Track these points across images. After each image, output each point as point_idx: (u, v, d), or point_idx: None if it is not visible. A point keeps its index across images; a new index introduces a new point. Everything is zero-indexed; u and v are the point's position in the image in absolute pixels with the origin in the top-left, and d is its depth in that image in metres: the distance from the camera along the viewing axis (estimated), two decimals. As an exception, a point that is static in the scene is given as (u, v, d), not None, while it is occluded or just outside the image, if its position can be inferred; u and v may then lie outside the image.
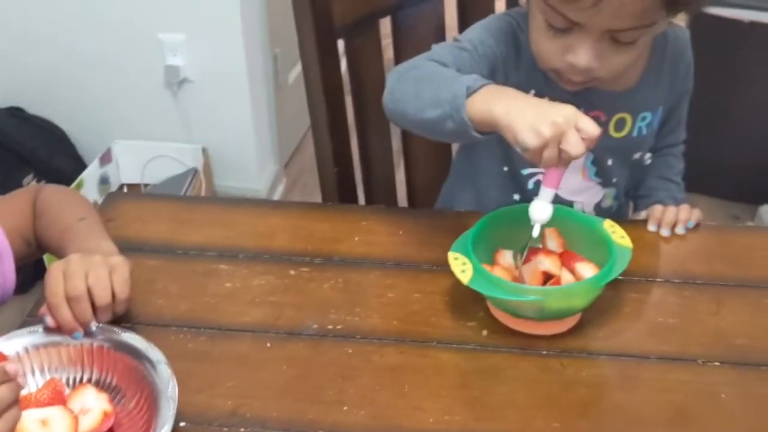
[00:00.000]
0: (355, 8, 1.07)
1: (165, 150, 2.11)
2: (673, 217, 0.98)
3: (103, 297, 0.73)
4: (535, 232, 0.81)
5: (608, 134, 0.99)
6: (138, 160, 2.13)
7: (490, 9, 1.24)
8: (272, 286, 0.88)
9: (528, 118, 0.75)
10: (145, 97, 2.07)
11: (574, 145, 0.73)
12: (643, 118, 1.01)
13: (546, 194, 0.80)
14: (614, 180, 1.05)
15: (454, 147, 1.28)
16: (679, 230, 0.97)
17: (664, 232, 0.97)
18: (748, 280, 0.90)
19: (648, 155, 1.07)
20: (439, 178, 1.28)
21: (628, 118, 0.99)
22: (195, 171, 2.06)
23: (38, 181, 1.99)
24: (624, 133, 1.00)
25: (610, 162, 1.03)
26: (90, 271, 0.74)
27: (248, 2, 1.96)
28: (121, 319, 0.78)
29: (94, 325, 0.73)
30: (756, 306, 0.87)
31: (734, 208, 2.31)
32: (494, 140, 1.01)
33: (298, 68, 2.37)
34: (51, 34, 1.99)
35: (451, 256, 0.83)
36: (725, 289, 0.89)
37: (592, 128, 0.74)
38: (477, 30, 0.96)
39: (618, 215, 1.09)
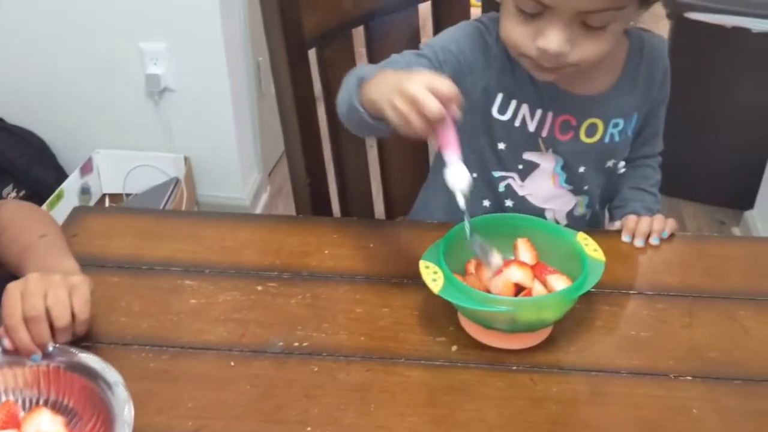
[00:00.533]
0: (326, 19, 1.06)
1: (147, 159, 2.10)
2: (647, 227, 0.97)
3: (61, 318, 0.72)
4: (460, 202, 0.78)
5: (579, 139, 0.98)
6: (119, 169, 2.12)
7: (465, 16, 1.23)
8: (238, 302, 0.86)
9: (387, 95, 0.74)
10: (126, 106, 2.05)
11: (429, 107, 0.71)
12: (616, 125, 0.99)
13: (450, 158, 0.77)
14: (586, 188, 1.04)
15: (431, 155, 1.27)
16: (653, 241, 0.96)
17: (638, 242, 0.96)
18: (722, 292, 0.89)
19: (622, 164, 1.06)
20: (417, 188, 1.26)
21: (600, 123, 0.98)
22: (177, 180, 2.05)
23: (18, 191, 1.97)
24: (595, 138, 0.99)
25: (582, 169, 1.01)
26: (49, 291, 0.72)
27: (229, 10, 1.95)
28: (82, 338, 0.76)
29: (51, 346, 0.71)
30: (729, 318, 0.86)
31: (720, 213, 2.31)
32: (467, 145, 1.01)
33: (281, 76, 2.36)
34: (30, 43, 1.98)
35: (423, 264, 0.81)
36: (699, 300, 0.88)
37: (445, 88, 0.73)
38: (441, 37, 0.96)
39: (593, 225, 1.08)
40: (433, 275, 0.80)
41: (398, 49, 1.18)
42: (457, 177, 0.77)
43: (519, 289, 0.83)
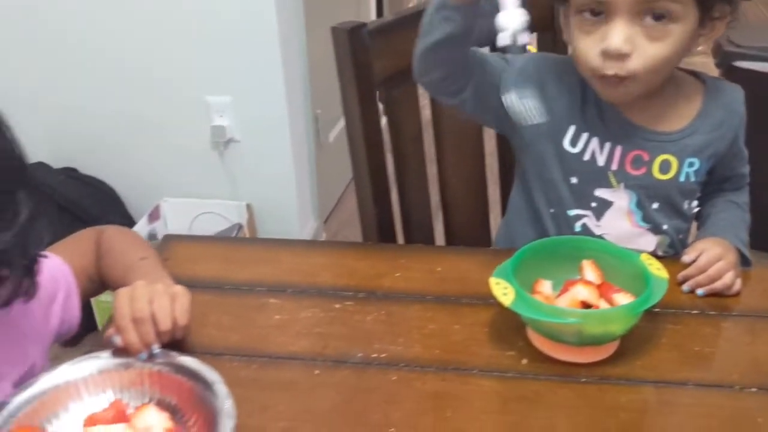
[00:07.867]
0: (393, 62, 1.13)
1: (211, 207, 2.20)
2: (707, 280, 0.94)
3: (164, 322, 0.78)
4: (505, 40, 0.83)
5: (652, 175, 1.00)
6: (185, 216, 2.21)
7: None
8: (318, 318, 0.92)
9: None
10: (193, 156, 2.16)
11: None
12: (691, 164, 1.00)
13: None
14: (664, 227, 1.04)
15: (491, 192, 1.32)
16: (699, 293, 0.94)
17: (695, 291, 0.95)
18: (782, 312, 0.92)
19: (695, 203, 1.06)
20: (476, 223, 1.32)
21: (674, 161, 0.99)
22: (240, 226, 2.13)
23: (90, 237, 2.07)
24: (669, 175, 1.00)
25: (655, 205, 1.02)
26: (154, 297, 0.79)
27: (291, 65, 2.06)
28: (177, 347, 0.83)
29: (155, 348, 0.78)
30: (790, 336, 0.88)
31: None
32: (542, 179, 1.04)
33: (338, 127, 2.46)
34: (104, 98, 2.10)
35: (493, 281, 0.86)
36: (760, 320, 0.91)
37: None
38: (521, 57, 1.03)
39: None
40: (503, 290, 0.85)
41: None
42: (513, 18, 0.82)
43: (585, 307, 0.87)
